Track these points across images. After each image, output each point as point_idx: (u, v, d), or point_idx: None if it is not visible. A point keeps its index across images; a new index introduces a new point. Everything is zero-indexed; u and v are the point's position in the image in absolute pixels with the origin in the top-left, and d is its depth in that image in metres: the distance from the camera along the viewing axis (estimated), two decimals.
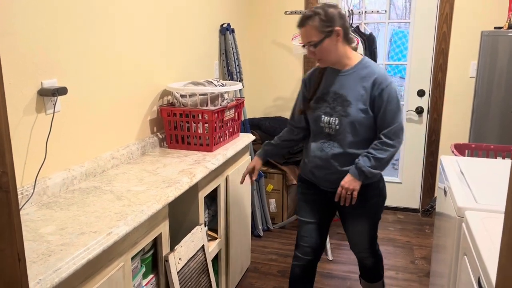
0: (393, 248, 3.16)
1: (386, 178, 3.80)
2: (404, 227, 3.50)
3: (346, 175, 1.86)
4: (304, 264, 2.10)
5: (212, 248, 2.21)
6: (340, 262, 2.96)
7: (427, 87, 3.56)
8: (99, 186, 1.73)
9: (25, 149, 1.53)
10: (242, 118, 3.27)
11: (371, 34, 3.07)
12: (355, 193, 1.86)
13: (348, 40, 1.87)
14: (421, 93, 3.58)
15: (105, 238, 1.30)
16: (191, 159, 2.12)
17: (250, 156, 2.76)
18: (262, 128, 3.41)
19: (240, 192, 2.53)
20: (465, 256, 1.42)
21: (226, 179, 2.31)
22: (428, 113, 3.58)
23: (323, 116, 1.90)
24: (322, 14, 1.77)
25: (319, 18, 1.77)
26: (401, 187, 3.80)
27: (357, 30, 3.08)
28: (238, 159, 2.50)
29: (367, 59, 1.92)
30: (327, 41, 1.80)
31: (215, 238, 2.30)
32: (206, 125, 2.23)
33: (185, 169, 1.95)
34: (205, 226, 2.21)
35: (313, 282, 2.17)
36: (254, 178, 2.14)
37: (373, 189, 1.94)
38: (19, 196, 1.47)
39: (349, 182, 1.85)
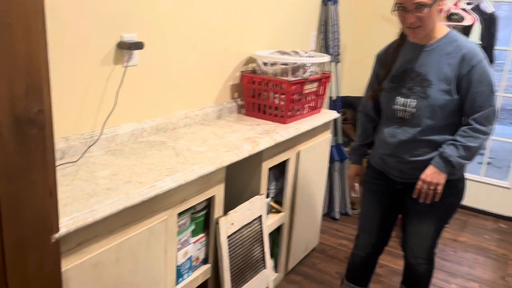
0: (483, 258, 2.81)
1: (490, 180, 3.40)
2: (504, 238, 3.09)
3: (428, 166, 1.64)
4: (363, 256, 1.97)
5: (274, 220, 2.19)
6: None
7: None
8: (165, 142, 1.80)
9: (100, 97, 1.64)
10: (332, 94, 3.13)
11: (492, 14, 2.66)
12: (440, 188, 1.63)
13: None
14: None
15: (147, 190, 1.34)
16: (262, 128, 2.09)
17: (331, 134, 2.64)
18: (356, 107, 3.22)
19: (313, 170, 2.44)
20: None
21: (298, 154, 2.25)
22: None
23: (398, 97, 1.69)
24: None
25: None
26: (510, 192, 3.33)
27: (476, 8, 2.69)
28: (315, 135, 2.41)
29: (455, 32, 1.66)
30: (435, 6, 1.55)
31: (279, 211, 2.27)
32: (283, 95, 2.17)
33: (251, 137, 1.93)
34: (268, 197, 2.19)
35: (371, 275, 2.03)
36: (362, 179, 1.95)
37: (450, 187, 1.68)
38: (88, 139, 1.59)
39: (432, 175, 1.62)
